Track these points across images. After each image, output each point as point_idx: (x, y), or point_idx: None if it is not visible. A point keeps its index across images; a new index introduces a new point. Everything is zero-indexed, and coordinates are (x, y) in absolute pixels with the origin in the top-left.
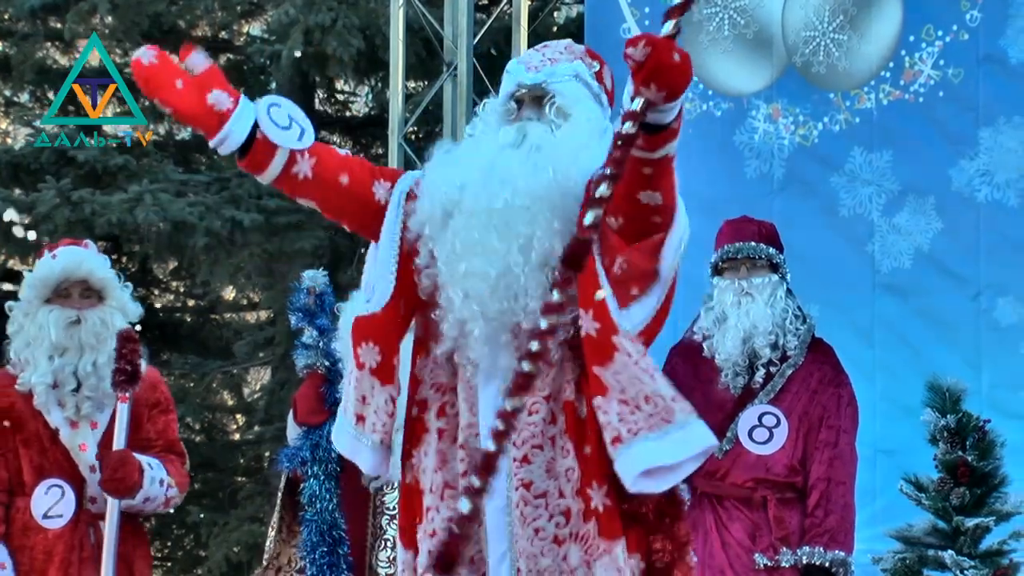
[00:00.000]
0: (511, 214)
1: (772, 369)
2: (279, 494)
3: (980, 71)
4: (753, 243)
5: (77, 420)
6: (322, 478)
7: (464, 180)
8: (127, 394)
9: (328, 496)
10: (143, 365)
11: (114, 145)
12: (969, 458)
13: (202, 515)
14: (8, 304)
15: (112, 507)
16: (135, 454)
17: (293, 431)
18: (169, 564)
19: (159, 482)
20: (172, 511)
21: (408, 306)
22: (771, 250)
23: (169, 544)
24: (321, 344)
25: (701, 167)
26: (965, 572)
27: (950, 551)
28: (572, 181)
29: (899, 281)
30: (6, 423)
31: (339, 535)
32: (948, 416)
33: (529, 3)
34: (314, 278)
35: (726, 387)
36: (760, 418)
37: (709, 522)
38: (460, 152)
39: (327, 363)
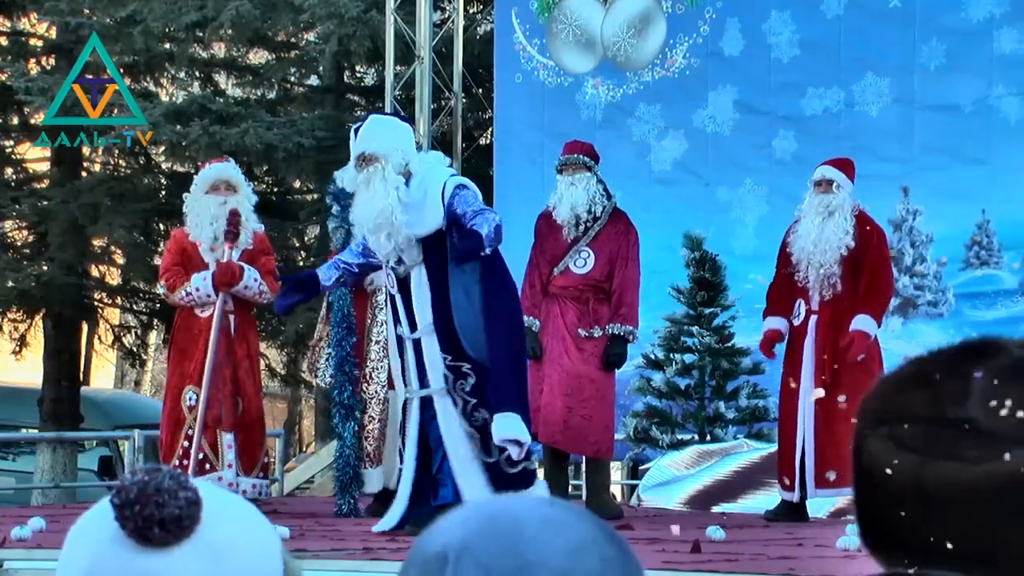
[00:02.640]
0: None
1: (589, 226)
2: (324, 305)
3: (708, 60)
4: (575, 155)
5: (219, 258)
6: (342, 289)
7: None
8: (232, 243)
9: (345, 295)
10: (248, 230)
11: (233, 100)
12: (707, 275)
13: None
14: (184, 195)
15: (221, 298)
16: (240, 263)
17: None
18: (263, 333)
19: (253, 279)
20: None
21: None
22: (585, 158)
23: (263, 322)
24: (341, 214)
25: (558, 116)
26: (704, 338)
27: (696, 327)
28: None
29: (665, 177)
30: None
31: (351, 318)
32: (695, 252)
33: (464, 21)
34: (340, 175)
35: (565, 236)
36: (580, 253)
37: (555, 311)
38: None
39: (346, 226)
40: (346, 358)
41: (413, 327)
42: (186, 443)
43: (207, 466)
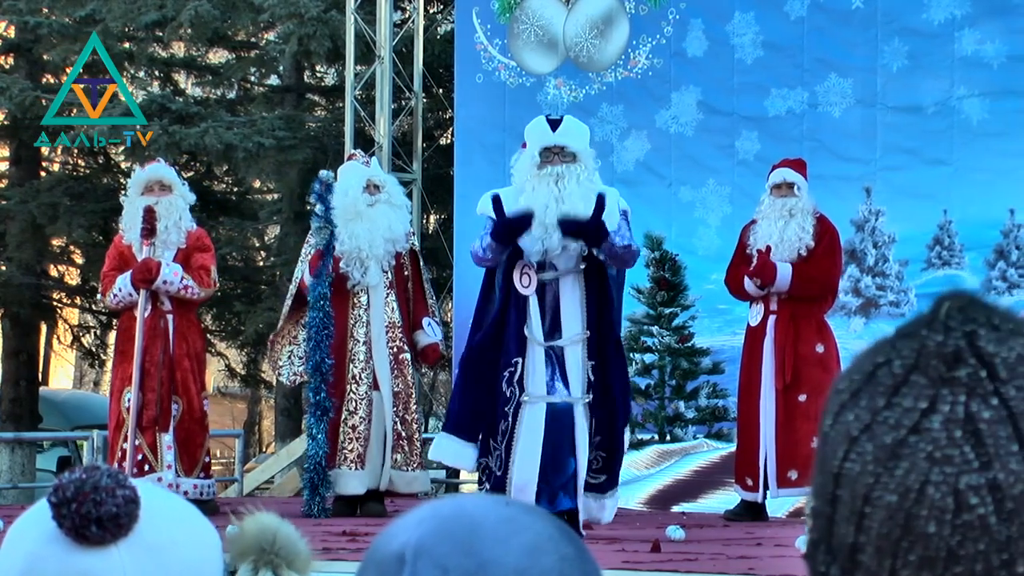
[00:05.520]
0: None
1: None
2: (290, 298)
3: (672, 60)
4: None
5: (151, 255)
6: (323, 289)
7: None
8: (149, 239)
9: (324, 295)
10: (181, 228)
11: (192, 100)
12: (667, 275)
13: (243, 305)
14: (122, 195)
15: (144, 296)
16: (161, 260)
17: (308, 278)
18: (223, 333)
19: (173, 274)
20: (210, 295)
21: None
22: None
23: (222, 322)
24: (325, 214)
25: (520, 116)
26: (663, 338)
27: (656, 326)
28: None
29: (627, 178)
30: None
31: (328, 311)
32: (655, 251)
33: (424, 21)
34: (327, 176)
35: None
36: None
37: None
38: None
39: (330, 227)
40: (324, 359)
41: (552, 334)
42: (125, 445)
43: (146, 467)
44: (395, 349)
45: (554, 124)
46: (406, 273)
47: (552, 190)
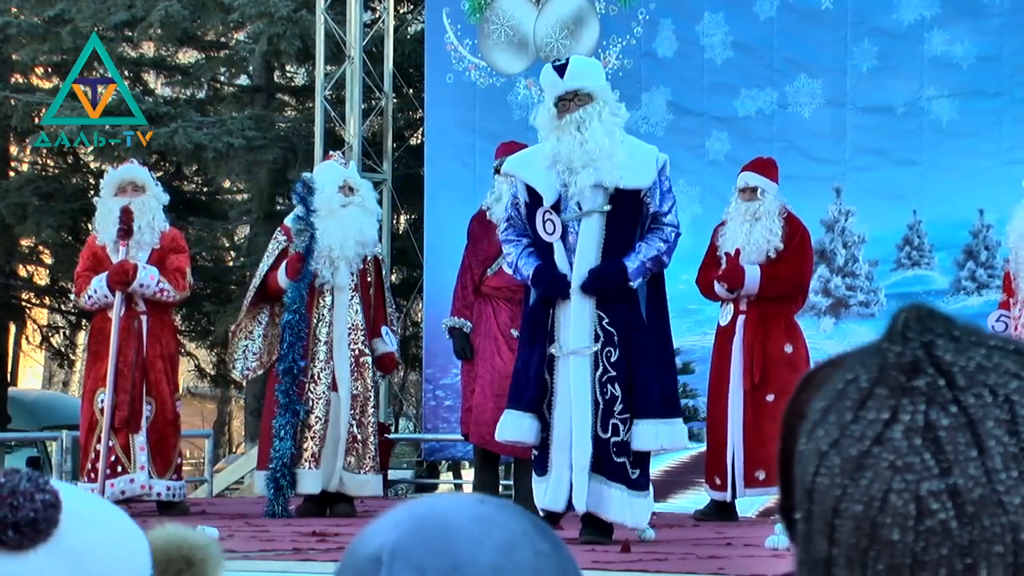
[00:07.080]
0: None
1: None
2: (251, 293)
3: (642, 61)
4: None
5: (127, 258)
6: (301, 291)
7: None
8: (125, 240)
9: (300, 295)
10: (155, 229)
11: (162, 100)
12: None
13: (212, 305)
14: (95, 198)
15: (119, 298)
16: (137, 262)
17: (284, 279)
18: (193, 334)
19: (149, 277)
20: (184, 298)
21: None
22: None
23: (192, 322)
24: (306, 216)
25: (490, 117)
26: None
27: None
28: None
29: None
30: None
31: (304, 314)
32: None
33: (394, 21)
34: (309, 178)
35: (499, 236)
36: None
37: (488, 311)
38: None
39: (310, 230)
40: (296, 361)
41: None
42: (99, 446)
43: (119, 468)
44: (356, 351)
45: (561, 70)
46: (369, 279)
47: (575, 136)
